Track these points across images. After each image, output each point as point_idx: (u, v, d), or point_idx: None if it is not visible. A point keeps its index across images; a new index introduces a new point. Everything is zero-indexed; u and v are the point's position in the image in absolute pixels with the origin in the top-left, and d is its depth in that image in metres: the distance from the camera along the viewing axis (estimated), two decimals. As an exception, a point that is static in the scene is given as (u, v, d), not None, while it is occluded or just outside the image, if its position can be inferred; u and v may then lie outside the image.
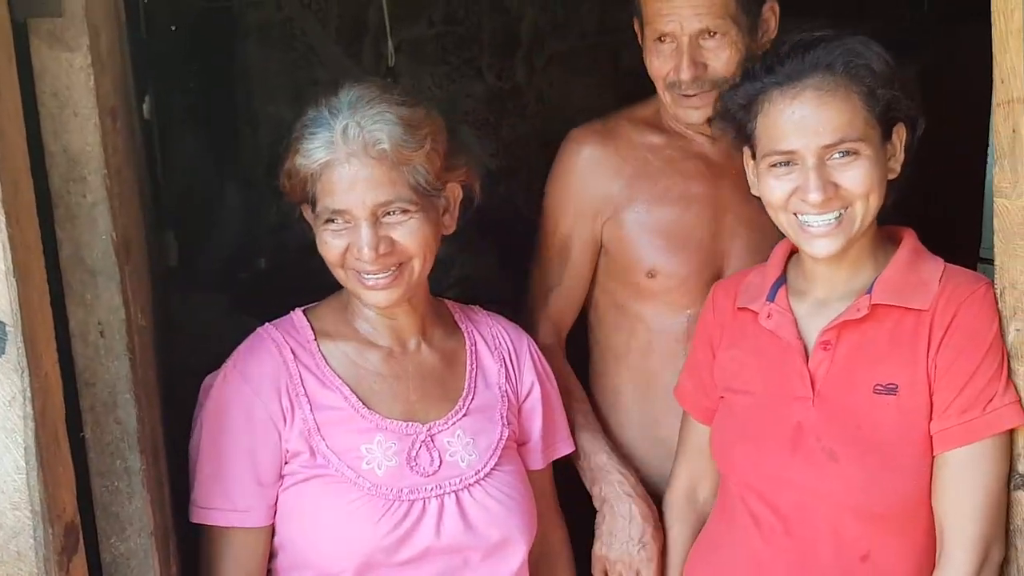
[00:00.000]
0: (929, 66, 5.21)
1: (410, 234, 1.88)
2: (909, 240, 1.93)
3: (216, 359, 2.02)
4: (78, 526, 1.59)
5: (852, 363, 1.85)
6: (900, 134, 1.88)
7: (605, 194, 2.31)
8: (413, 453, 1.93)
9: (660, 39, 2.16)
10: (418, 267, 1.92)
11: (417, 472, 1.92)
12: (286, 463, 1.91)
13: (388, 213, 1.87)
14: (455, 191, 2.01)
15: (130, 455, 1.67)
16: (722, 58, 2.12)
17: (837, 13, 5.34)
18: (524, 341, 2.18)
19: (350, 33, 5.04)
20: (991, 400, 1.76)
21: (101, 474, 1.67)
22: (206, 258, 4.25)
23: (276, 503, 1.92)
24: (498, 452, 2.01)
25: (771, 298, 1.95)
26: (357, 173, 1.85)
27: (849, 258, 1.89)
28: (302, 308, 2.05)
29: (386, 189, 1.86)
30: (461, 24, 5.17)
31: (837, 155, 1.80)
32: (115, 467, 1.67)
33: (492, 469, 1.99)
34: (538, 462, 2.15)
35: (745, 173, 1.98)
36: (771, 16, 2.21)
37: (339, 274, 1.93)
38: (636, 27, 2.26)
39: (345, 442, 1.91)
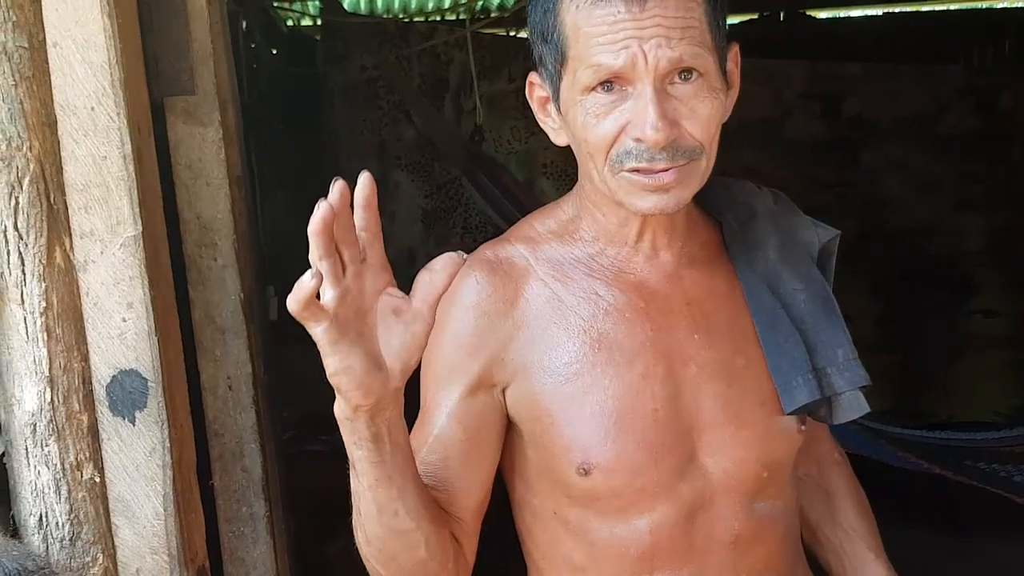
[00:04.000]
0: (1012, 108, 5.26)
1: None
2: None
3: (309, 410, 2.10)
4: (208, 570, 1.70)
5: None
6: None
7: (494, 350, 1.39)
8: None
9: (601, 87, 1.27)
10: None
11: None
12: None
13: None
14: None
15: (255, 502, 1.77)
16: (701, 114, 1.28)
17: (928, 59, 5.37)
18: None
19: (432, 91, 5.21)
20: None
21: (228, 520, 1.78)
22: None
23: None
24: None
25: None
26: None
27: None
28: None
29: None
30: (540, 79, 5.31)
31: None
32: (241, 513, 1.77)
33: None
34: None
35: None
36: (735, 68, 1.37)
37: None
38: (538, 81, 1.39)
39: None
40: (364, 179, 1.09)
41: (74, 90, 1.50)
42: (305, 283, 1.02)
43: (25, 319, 1.52)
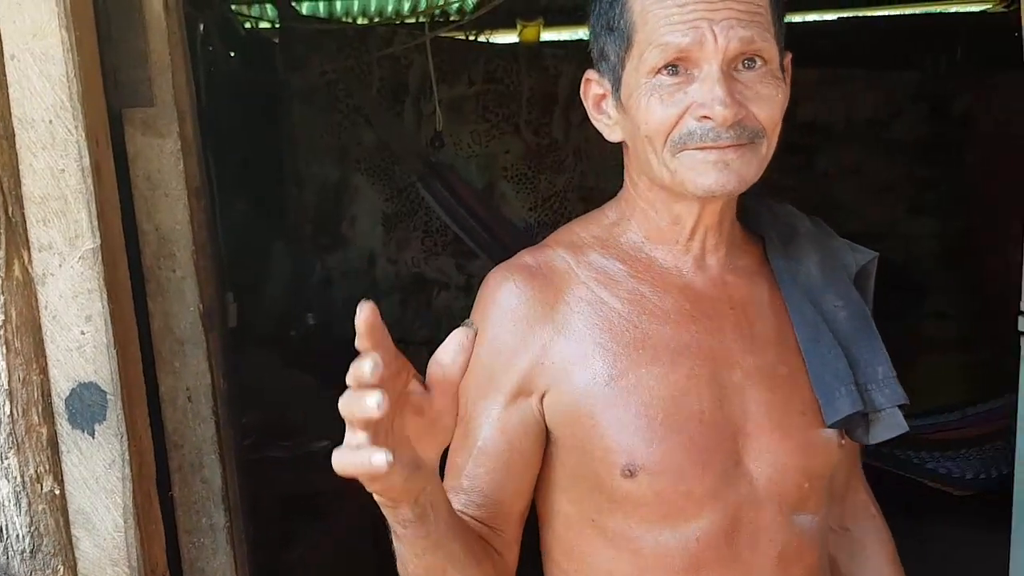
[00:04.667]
0: (965, 113, 5.35)
1: None
2: None
3: (271, 414, 2.12)
4: (168, 580, 1.70)
5: None
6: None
7: (535, 355, 1.39)
8: None
9: (666, 69, 1.29)
10: None
11: None
12: None
13: None
14: None
15: (215, 512, 1.77)
16: (766, 97, 1.29)
17: (882, 64, 5.43)
18: None
19: (392, 95, 5.21)
20: None
21: (188, 531, 1.78)
22: (259, 317, 4.39)
23: None
24: None
25: None
26: None
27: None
28: None
29: None
30: (500, 83, 5.33)
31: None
32: (201, 524, 1.78)
33: None
34: None
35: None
36: (790, 68, 1.39)
37: None
38: (595, 77, 1.41)
39: None
40: (367, 312, 0.95)
41: (32, 103, 1.49)
42: (367, 459, 0.94)
43: (-17, 332, 1.51)
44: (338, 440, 0.97)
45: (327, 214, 5.31)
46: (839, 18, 5.89)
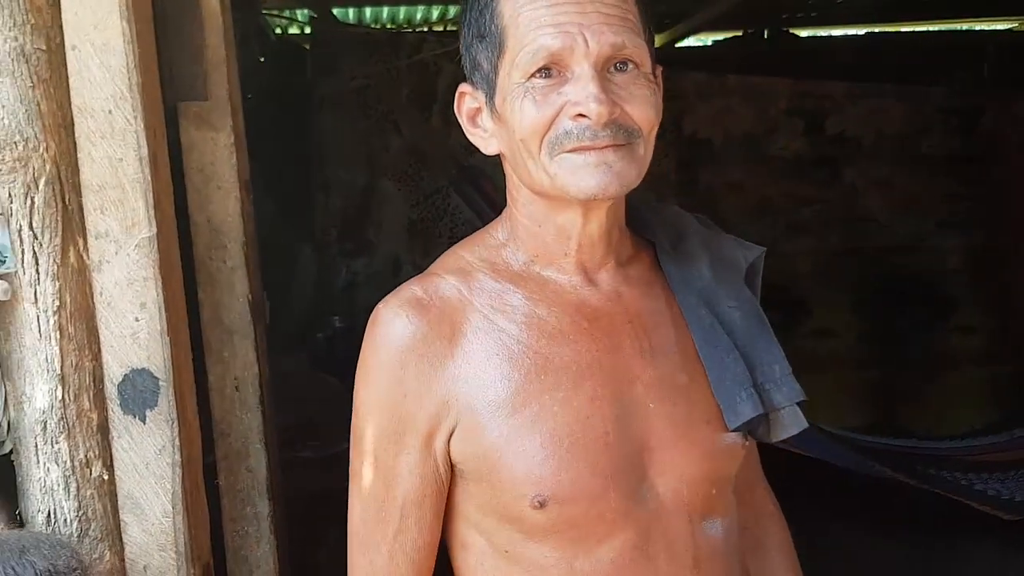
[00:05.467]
0: (993, 128, 5.35)
1: None
2: None
3: (300, 415, 2.12)
4: (212, 568, 1.72)
5: None
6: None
7: (441, 394, 1.34)
8: None
9: (539, 72, 1.28)
10: None
11: None
12: None
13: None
14: None
15: (260, 502, 1.79)
16: (640, 99, 1.29)
17: (910, 79, 5.45)
18: None
19: (419, 102, 5.24)
20: None
21: (233, 519, 1.80)
22: (287, 318, 4.42)
23: None
24: None
25: None
26: None
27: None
28: None
29: None
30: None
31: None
32: (245, 513, 1.80)
33: None
34: None
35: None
36: (661, 80, 1.37)
37: None
38: (468, 90, 1.38)
39: None
40: None
41: (92, 93, 1.52)
42: None
43: (38, 317, 1.54)
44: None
45: (353, 219, 5.33)
46: (867, 33, 5.91)
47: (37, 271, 1.53)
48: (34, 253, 1.53)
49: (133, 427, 1.56)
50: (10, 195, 1.51)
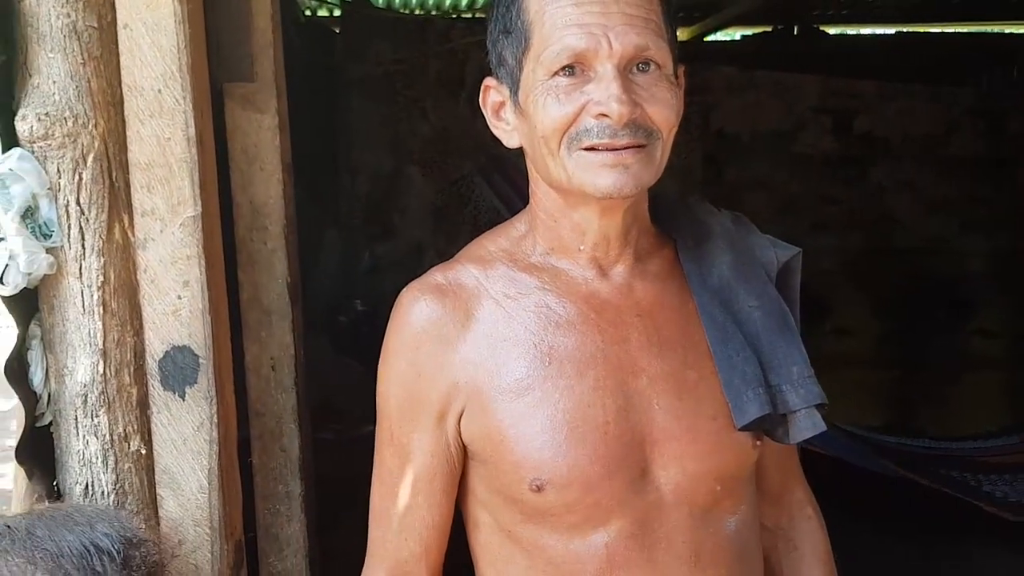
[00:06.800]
0: (1020, 131, 5.33)
1: None
2: None
3: (322, 396, 2.14)
4: (243, 544, 1.74)
5: None
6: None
7: (452, 375, 1.42)
8: None
9: (563, 71, 1.31)
10: None
11: None
12: None
13: None
14: None
15: (292, 481, 1.81)
16: (661, 100, 1.32)
17: (939, 79, 5.43)
18: None
19: (447, 88, 5.24)
20: None
21: (265, 497, 1.82)
22: (311, 301, 4.43)
23: None
24: None
25: None
26: None
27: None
28: None
29: None
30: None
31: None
32: (277, 491, 1.81)
33: None
34: None
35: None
36: (682, 82, 1.41)
37: None
38: (493, 84, 1.44)
39: None
40: None
41: (142, 72, 1.54)
42: None
43: (82, 292, 1.56)
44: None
45: (378, 204, 5.34)
46: (897, 32, 5.88)
47: (83, 246, 1.55)
48: (80, 229, 1.54)
49: (172, 403, 1.58)
50: (59, 170, 1.52)
